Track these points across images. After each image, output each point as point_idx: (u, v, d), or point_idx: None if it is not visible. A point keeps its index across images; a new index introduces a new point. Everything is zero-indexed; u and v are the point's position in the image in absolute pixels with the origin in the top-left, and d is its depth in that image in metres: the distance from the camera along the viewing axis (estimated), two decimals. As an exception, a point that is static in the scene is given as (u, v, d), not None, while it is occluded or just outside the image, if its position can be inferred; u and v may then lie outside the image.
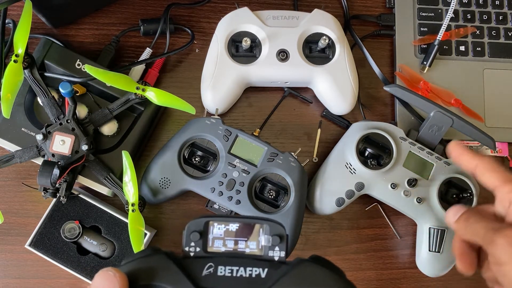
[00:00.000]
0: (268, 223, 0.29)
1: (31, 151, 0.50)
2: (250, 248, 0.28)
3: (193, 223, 0.28)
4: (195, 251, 0.28)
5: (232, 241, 0.28)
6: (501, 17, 0.64)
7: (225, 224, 0.28)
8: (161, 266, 0.27)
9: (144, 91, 0.50)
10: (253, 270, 0.27)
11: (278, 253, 0.28)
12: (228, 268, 0.27)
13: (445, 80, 0.61)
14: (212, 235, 0.28)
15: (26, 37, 0.48)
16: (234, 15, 0.57)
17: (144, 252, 0.28)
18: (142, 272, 0.26)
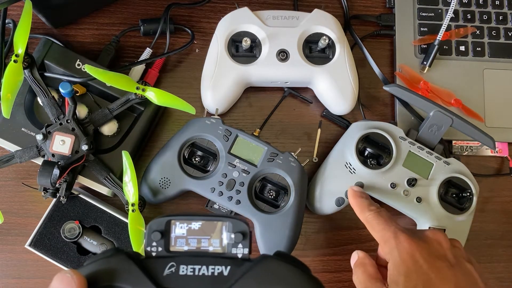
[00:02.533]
0: (231, 220, 0.28)
1: (31, 151, 0.50)
2: (213, 246, 0.28)
3: (154, 222, 0.28)
4: (157, 251, 0.28)
5: (195, 240, 0.28)
6: (501, 17, 0.64)
7: (188, 223, 0.28)
8: (122, 266, 0.26)
9: (144, 91, 0.50)
10: (215, 268, 0.27)
11: (241, 250, 0.28)
12: (190, 267, 0.27)
13: (445, 80, 0.61)
14: (175, 234, 0.28)
15: (26, 37, 0.48)
16: (234, 15, 0.57)
17: (105, 253, 0.28)
18: (102, 273, 0.26)
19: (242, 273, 0.26)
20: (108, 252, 0.28)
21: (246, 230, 0.28)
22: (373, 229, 0.45)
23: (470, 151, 0.61)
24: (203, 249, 0.28)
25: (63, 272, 0.25)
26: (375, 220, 0.45)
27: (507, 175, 0.62)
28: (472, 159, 0.62)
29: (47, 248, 0.52)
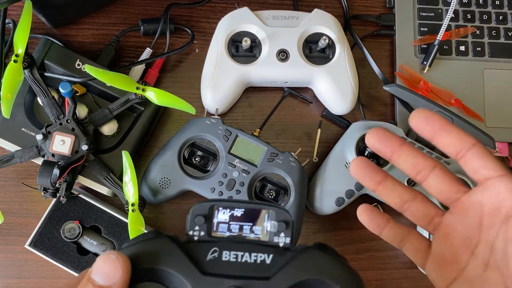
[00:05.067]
0: (274, 209, 0.28)
1: (31, 151, 0.50)
2: (255, 233, 0.28)
3: (198, 206, 0.28)
4: (199, 235, 0.27)
5: (237, 226, 0.28)
6: (501, 17, 0.64)
7: (231, 209, 0.28)
8: (165, 249, 0.26)
9: (144, 91, 0.50)
10: (258, 256, 0.26)
11: (283, 239, 0.27)
12: (233, 253, 0.26)
13: (445, 80, 0.61)
14: (217, 220, 0.28)
15: (26, 37, 0.48)
16: (234, 15, 0.57)
17: (146, 235, 0.27)
18: (144, 256, 0.26)
19: (284, 262, 0.26)
20: (149, 234, 0.27)
21: (289, 219, 0.28)
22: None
23: (470, 151, 0.61)
24: (244, 236, 0.28)
25: (107, 253, 0.25)
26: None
27: (507, 175, 0.62)
28: (472, 159, 0.62)
29: (47, 248, 0.52)
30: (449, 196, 0.32)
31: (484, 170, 0.30)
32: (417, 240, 0.34)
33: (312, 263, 0.26)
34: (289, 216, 0.28)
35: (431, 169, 0.32)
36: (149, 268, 0.25)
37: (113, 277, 0.24)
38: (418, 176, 0.33)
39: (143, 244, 0.26)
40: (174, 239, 0.27)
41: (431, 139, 0.31)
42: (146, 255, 0.26)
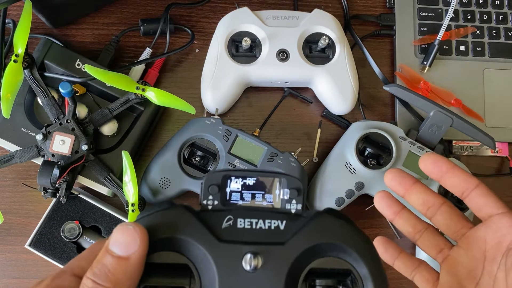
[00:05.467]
0: (286, 177, 0.29)
1: (31, 151, 0.50)
2: (267, 201, 0.28)
3: (211, 176, 0.28)
4: (214, 205, 0.28)
5: (249, 195, 0.28)
6: (501, 17, 0.64)
7: (243, 178, 0.28)
8: (181, 219, 0.26)
9: (144, 91, 0.50)
10: (271, 222, 0.27)
11: (295, 206, 0.28)
12: (247, 221, 0.27)
13: (445, 80, 0.61)
14: (230, 189, 0.28)
15: (26, 37, 0.48)
16: (234, 15, 0.57)
17: (160, 206, 0.27)
18: (161, 225, 0.26)
19: (298, 228, 0.27)
20: (164, 205, 0.27)
21: (300, 186, 0.28)
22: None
23: (470, 151, 0.61)
24: (257, 204, 0.28)
25: (125, 224, 0.25)
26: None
27: (507, 175, 0.62)
28: (472, 159, 0.62)
29: (47, 248, 0.52)
30: (455, 231, 0.35)
31: (487, 208, 0.33)
32: (427, 271, 0.37)
33: (325, 227, 0.27)
34: (300, 184, 0.28)
35: (439, 206, 0.35)
36: (166, 238, 0.26)
37: (132, 247, 0.24)
38: (428, 211, 0.36)
39: (158, 215, 0.26)
40: (189, 209, 0.27)
41: (439, 180, 0.34)
42: (163, 225, 0.26)
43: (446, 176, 0.34)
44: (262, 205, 0.28)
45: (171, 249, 0.26)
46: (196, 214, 0.27)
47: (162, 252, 0.26)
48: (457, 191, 0.34)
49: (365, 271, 0.26)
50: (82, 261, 0.26)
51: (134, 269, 0.24)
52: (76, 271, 0.25)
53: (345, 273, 0.27)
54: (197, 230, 0.26)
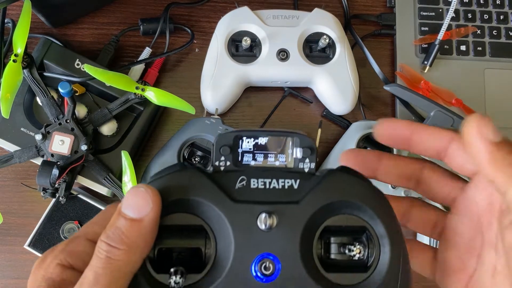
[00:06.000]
0: (298, 136, 0.28)
1: (30, 151, 0.50)
2: (280, 161, 0.28)
3: (222, 137, 0.27)
4: (226, 165, 0.27)
5: (261, 155, 0.28)
6: (502, 16, 0.64)
7: (255, 138, 0.28)
8: (193, 180, 0.26)
9: (143, 91, 0.50)
10: (285, 181, 0.27)
11: (308, 165, 0.28)
12: (261, 181, 0.26)
13: (446, 80, 0.61)
14: (242, 149, 0.28)
15: (25, 37, 0.47)
16: (234, 14, 0.57)
17: (172, 168, 0.27)
18: (173, 187, 0.26)
19: (312, 186, 0.26)
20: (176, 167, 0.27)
21: (313, 145, 0.28)
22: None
23: (471, 151, 0.61)
24: (269, 163, 0.28)
25: (137, 187, 0.24)
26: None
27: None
28: (473, 159, 0.61)
29: (46, 249, 0.51)
30: (444, 196, 0.30)
31: (469, 164, 0.27)
32: (421, 252, 0.32)
33: (340, 185, 0.26)
34: (313, 143, 0.28)
35: (419, 173, 0.30)
36: (179, 200, 0.25)
37: (144, 209, 0.24)
38: (410, 183, 0.31)
39: (171, 177, 0.26)
40: (201, 170, 0.27)
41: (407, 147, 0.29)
42: (175, 186, 0.26)
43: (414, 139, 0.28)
44: (275, 165, 0.28)
45: (185, 211, 0.26)
46: (208, 175, 0.26)
47: (176, 214, 0.26)
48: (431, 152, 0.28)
49: (382, 229, 0.26)
50: (95, 226, 0.26)
51: (148, 231, 0.24)
52: (90, 236, 0.25)
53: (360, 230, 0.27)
54: (210, 191, 0.26)
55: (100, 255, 0.23)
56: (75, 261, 0.24)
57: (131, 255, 0.23)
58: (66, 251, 0.24)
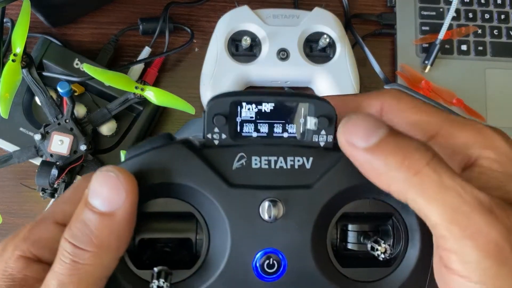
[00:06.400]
0: (313, 101, 0.22)
1: (29, 151, 0.49)
2: (289, 133, 0.22)
3: (215, 103, 0.21)
4: (220, 139, 0.21)
5: (266, 125, 0.22)
6: (503, 16, 0.63)
7: (257, 104, 0.22)
8: (180, 159, 0.21)
9: (143, 91, 0.50)
10: (295, 159, 0.21)
11: (324, 138, 0.22)
12: (264, 159, 0.21)
13: (446, 80, 0.61)
14: (241, 118, 0.22)
15: (25, 36, 0.47)
16: (234, 13, 0.56)
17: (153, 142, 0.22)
18: (155, 168, 0.21)
19: (328, 166, 0.21)
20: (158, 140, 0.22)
21: (332, 113, 0.21)
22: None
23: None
24: (276, 136, 0.22)
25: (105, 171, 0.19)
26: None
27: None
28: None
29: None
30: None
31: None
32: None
33: None
34: (332, 110, 0.22)
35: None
36: (161, 184, 0.21)
37: (116, 201, 0.19)
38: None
39: (151, 154, 0.21)
40: (189, 145, 0.21)
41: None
42: (156, 167, 0.21)
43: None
44: (283, 138, 0.22)
45: (170, 195, 0.21)
46: (198, 152, 0.21)
47: (160, 199, 0.21)
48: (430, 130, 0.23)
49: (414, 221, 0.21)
50: (65, 205, 0.21)
51: (122, 227, 0.20)
52: (59, 217, 0.21)
53: (385, 217, 0.22)
54: (200, 172, 0.21)
55: (64, 258, 0.19)
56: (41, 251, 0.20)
57: (103, 257, 0.19)
58: (29, 239, 0.20)
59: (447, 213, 0.18)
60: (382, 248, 0.22)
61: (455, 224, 0.18)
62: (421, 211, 0.19)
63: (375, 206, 0.22)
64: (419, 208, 0.19)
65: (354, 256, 0.23)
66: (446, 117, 0.22)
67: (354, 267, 0.22)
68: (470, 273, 0.18)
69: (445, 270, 0.19)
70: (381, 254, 0.22)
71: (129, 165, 0.21)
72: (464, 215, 0.18)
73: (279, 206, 0.21)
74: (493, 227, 0.18)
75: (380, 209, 0.22)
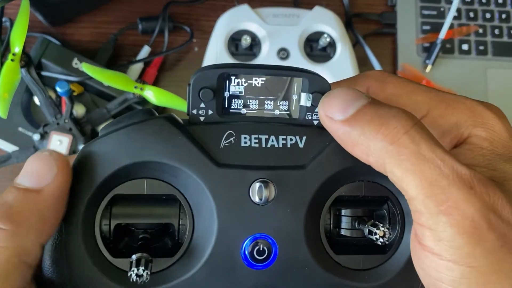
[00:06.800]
0: (307, 75, 0.20)
1: (29, 151, 0.49)
2: (280, 110, 0.21)
3: (201, 76, 0.19)
4: (207, 115, 0.20)
5: (256, 101, 0.20)
6: (504, 15, 0.63)
7: (247, 78, 0.20)
8: (160, 135, 0.19)
9: (142, 90, 0.50)
10: (287, 138, 0.20)
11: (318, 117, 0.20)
12: (255, 137, 0.20)
13: (447, 79, 0.61)
14: (229, 93, 0.20)
15: (23, 36, 0.47)
16: (234, 12, 0.56)
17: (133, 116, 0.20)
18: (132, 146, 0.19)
19: (323, 145, 0.20)
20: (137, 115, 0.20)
21: (327, 89, 0.20)
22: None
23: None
24: (267, 113, 0.21)
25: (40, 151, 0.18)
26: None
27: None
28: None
29: (44, 249, 0.51)
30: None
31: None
32: None
33: None
34: (327, 85, 0.20)
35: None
36: (142, 163, 0.19)
37: (45, 177, 0.18)
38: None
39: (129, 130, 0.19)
40: (173, 121, 0.20)
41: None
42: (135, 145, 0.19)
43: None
44: (275, 115, 0.21)
45: (151, 176, 0.20)
46: (182, 128, 0.19)
47: (139, 180, 0.20)
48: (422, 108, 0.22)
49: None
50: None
51: (47, 206, 0.18)
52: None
53: (380, 200, 0.21)
54: (184, 150, 0.19)
55: None
56: None
57: (22, 239, 0.17)
58: None
59: (424, 187, 0.17)
60: (380, 232, 0.20)
61: (431, 199, 0.17)
62: (398, 183, 0.18)
63: (371, 189, 0.21)
64: (396, 180, 0.18)
65: (348, 243, 0.22)
66: (435, 96, 0.22)
67: (349, 254, 0.21)
68: (442, 251, 0.17)
69: (419, 246, 0.18)
70: (379, 238, 0.20)
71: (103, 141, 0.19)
72: (441, 189, 0.17)
73: (271, 187, 0.19)
74: (470, 203, 0.17)
75: (376, 192, 0.21)
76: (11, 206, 0.17)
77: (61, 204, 0.18)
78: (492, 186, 0.18)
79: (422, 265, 0.18)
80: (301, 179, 0.20)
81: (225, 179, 0.19)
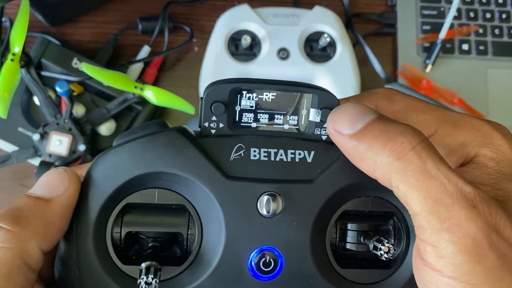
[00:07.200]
0: (317, 91, 0.21)
1: (28, 152, 0.49)
2: (290, 124, 0.21)
3: (214, 90, 0.20)
4: (218, 128, 0.21)
5: (266, 115, 0.21)
6: (504, 15, 0.63)
7: (258, 93, 0.21)
8: (172, 147, 0.20)
9: (142, 90, 0.50)
10: (296, 152, 0.21)
11: (327, 131, 0.21)
12: (264, 151, 0.20)
13: (448, 79, 0.61)
14: (240, 107, 0.21)
15: (23, 36, 0.47)
16: (234, 12, 0.56)
17: (146, 128, 0.21)
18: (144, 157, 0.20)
19: (330, 161, 0.20)
20: (150, 127, 0.21)
21: (336, 105, 0.21)
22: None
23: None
24: (276, 127, 0.21)
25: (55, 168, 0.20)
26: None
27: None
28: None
29: (44, 250, 0.51)
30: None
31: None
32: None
33: None
34: (336, 101, 0.21)
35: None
36: (154, 173, 0.20)
37: (56, 188, 0.19)
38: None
39: (142, 141, 0.20)
40: (185, 133, 0.20)
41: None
42: (147, 155, 0.20)
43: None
44: (284, 130, 0.21)
45: (162, 186, 0.20)
46: (194, 141, 0.20)
47: (150, 190, 0.20)
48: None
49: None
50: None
51: (55, 215, 0.19)
52: None
53: (386, 216, 0.22)
54: (195, 162, 0.20)
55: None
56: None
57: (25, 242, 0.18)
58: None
59: (428, 203, 0.18)
60: (385, 248, 0.21)
61: (434, 215, 0.18)
62: (403, 198, 0.18)
63: (377, 204, 0.21)
64: (401, 195, 0.18)
65: (353, 257, 0.22)
66: (443, 115, 0.22)
67: (353, 268, 0.21)
68: (443, 267, 0.18)
69: (421, 261, 0.19)
70: (384, 254, 0.21)
71: (117, 152, 0.20)
72: (445, 207, 0.17)
73: (279, 200, 0.20)
74: (473, 222, 0.17)
75: (382, 207, 0.21)
76: (20, 210, 0.19)
77: (67, 215, 0.20)
78: (495, 206, 0.18)
79: (423, 280, 0.19)
80: (309, 193, 0.20)
81: (234, 191, 0.20)
